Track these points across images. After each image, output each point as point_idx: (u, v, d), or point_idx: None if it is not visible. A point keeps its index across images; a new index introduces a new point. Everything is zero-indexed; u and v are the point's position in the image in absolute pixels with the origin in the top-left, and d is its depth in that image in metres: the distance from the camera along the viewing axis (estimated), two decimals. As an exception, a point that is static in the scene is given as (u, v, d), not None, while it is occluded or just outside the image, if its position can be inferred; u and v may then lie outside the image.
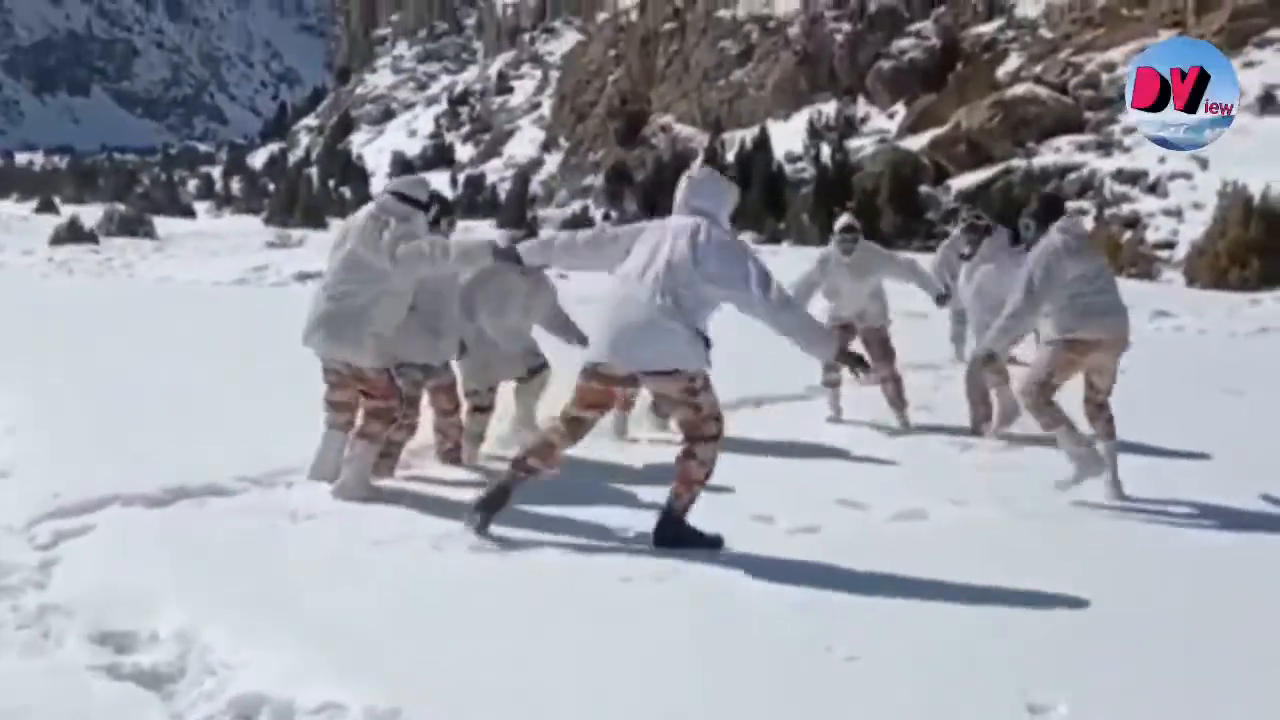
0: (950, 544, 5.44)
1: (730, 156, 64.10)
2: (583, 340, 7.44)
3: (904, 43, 75.66)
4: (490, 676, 3.73)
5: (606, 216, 67.14)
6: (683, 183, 5.53)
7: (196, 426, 7.47)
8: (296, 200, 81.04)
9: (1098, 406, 6.74)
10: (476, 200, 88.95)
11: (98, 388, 8.91)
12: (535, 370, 7.46)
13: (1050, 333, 6.65)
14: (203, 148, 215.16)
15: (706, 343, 5.21)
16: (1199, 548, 5.58)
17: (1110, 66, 56.48)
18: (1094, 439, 6.63)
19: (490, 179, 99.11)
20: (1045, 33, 67.80)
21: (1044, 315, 6.63)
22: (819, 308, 8.55)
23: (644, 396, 7.29)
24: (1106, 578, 4.98)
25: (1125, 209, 43.26)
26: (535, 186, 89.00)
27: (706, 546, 5.18)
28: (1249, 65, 48.68)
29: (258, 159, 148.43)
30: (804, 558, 5.10)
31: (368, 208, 6.31)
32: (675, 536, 5.20)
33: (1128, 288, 10.13)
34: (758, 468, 7.01)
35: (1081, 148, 50.16)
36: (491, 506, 5.25)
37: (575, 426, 5.33)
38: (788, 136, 69.79)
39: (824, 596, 4.54)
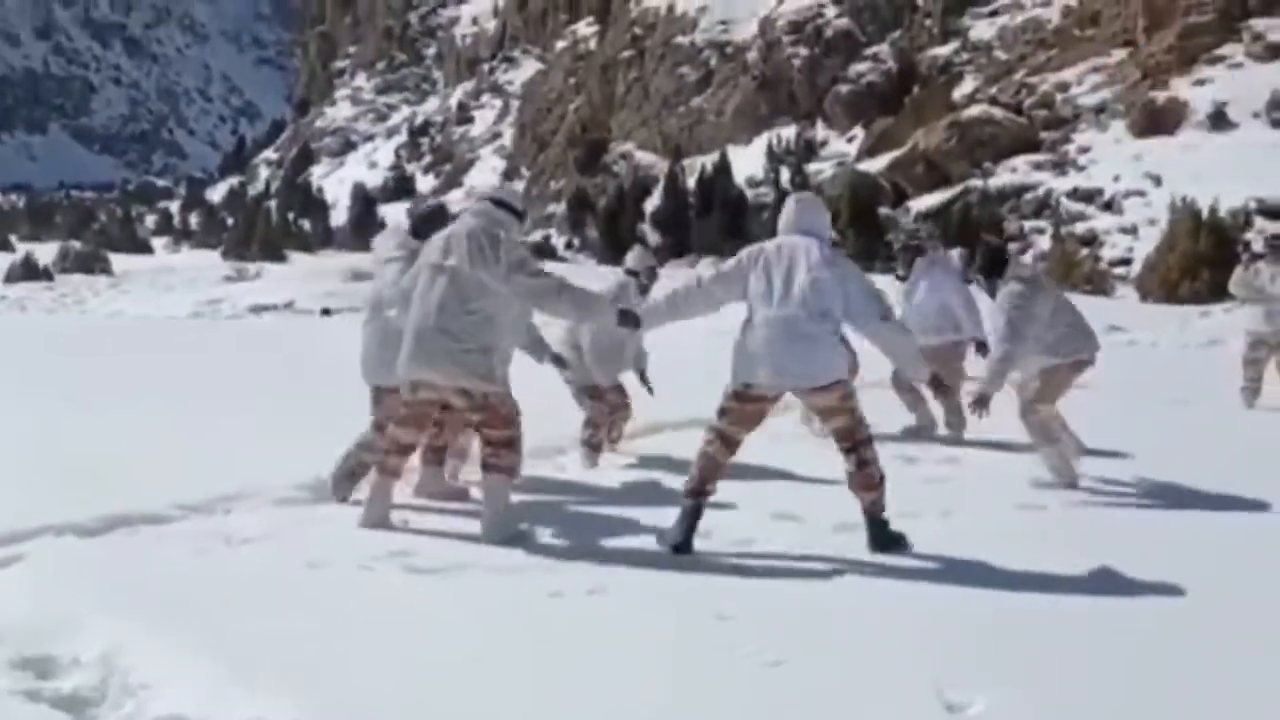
0: (883, 554, 5.46)
1: (691, 182, 64.33)
2: (556, 360, 7.49)
3: (861, 67, 76.31)
4: (418, 696, 3.71)
5: (569, 245, 67.27)
6: (791, 206, 5.85)
7: (137, 456, 7.39)
8: (255, 233, 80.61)
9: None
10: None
11: (39, 420, 8.81)
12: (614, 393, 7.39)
13: (1052, 359, 7.26)
14: (161, 183, 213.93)
15: (849, 350, 5.52)
16: (1124, 550, 5.61)
17: (1064, 86, 57.21)
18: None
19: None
20: (1000, 54, 68.62)
21: (1037, 348, 7.20)
22: None
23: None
24: (1031, 579, 5.04)
25: (1081, 227, 43.71)
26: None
27: (905, 546, 5.48)
28: (1199, 83, 49.42)
29: (216, 193, 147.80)
30: (733, 569, 5.14)
31: (466, 221, 5.89)
32: (890, 539, 5.49)
33: (1081, 304, 10.26)
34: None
35: (1038, 167, 50.69)
36: (688, 539, 5.40)
37: (735, 446, 5.61)
38: (748, 161, 70.11)
39: (752, 605, 4.58)
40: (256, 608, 4.48)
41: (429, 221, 6.78)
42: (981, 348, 8.72)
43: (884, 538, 5.51)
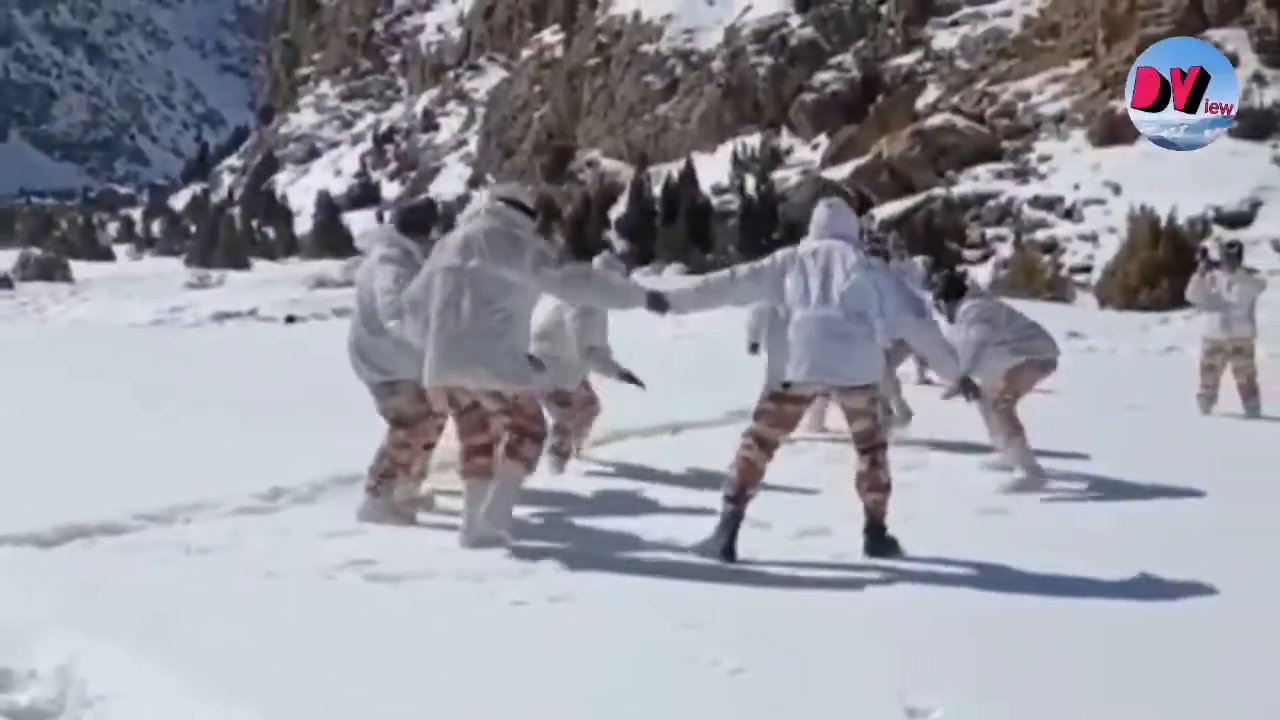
0: (847, 559, 5.50)
1: (657, 190, 64.43)
2: (532, 361, 7.48)
3: (825, 75, 76.69)
4: (378, 706, 3.69)
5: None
6: (823, 211, 5.97)
7: (95, 466, 7.33)
8: (218, 241, 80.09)
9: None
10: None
11: (-3, 430, 8.73)
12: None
13: (1017, 358, 7.83)
14: (123, 190, 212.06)
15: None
16: (1083, 554, 5.68)
17: (1025, 95, 57.74)
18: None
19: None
20: (962, 64, 69.15)
21: (1003, 352, 7.78)
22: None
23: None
24: (991, 584, 5.09)
25: (1042, 235, 44.13)
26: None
27: (899, 552, 5.58)
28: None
29: (179, 200, 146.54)
30: (698, 576, 5.15)
31: (482, 222, 5.82)
32: (886, 544, 5.59)
33: (1042, 311, 10.41)
34: (669, 492, 7.04)
35: (999, 175, 51.14)
36: (730, 543, 5.45)
37: (773, 450, 5.68)
38: (713, 169, 70.30)
39: (716, 612, 4.59)
40: (216, 618, 4.45)
41: (418, 215, 6.78)
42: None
43: (880, 543, 5.61)
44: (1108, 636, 4.45)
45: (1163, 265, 26.36)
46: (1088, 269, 38.57)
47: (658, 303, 5.77)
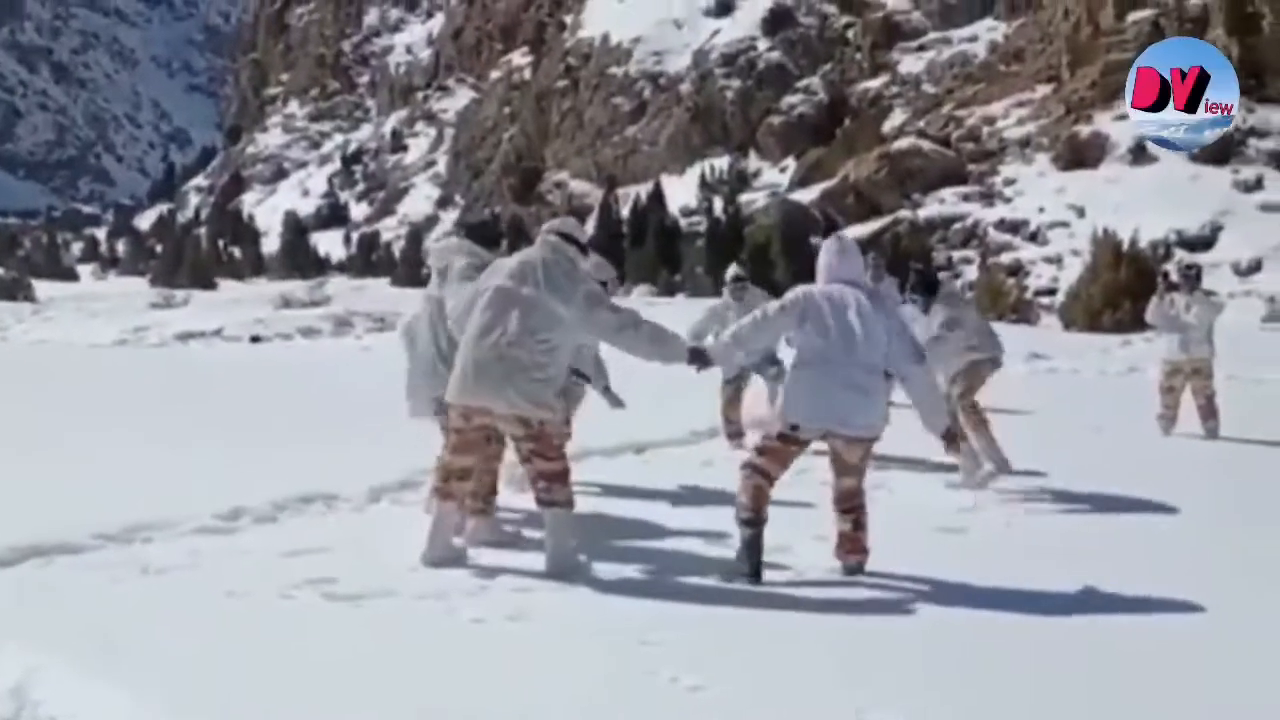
0: (806, 577, 5.53)
1: (625, 211, 64.59)
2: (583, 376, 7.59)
3: (793, 99, 77.27)
4: (334, 722, 3.68)
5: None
6: (833, 255, 5.89)
7: (53, 484, 7.25)
8: (184, 261, 79.59)
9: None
10: (371, 259, 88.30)
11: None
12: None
13: (975, 355, 8.64)
14: (88, 210, 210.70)
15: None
16: (1041, 571, 5.72)
17: (990, 120, 58.32)
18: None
19: (385, 237, 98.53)
20: (928, 88, 69.81)
21: (962, 348, 8.53)
22: None
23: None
24: (949, 601, 5.12)
25: (1007, 257, 44.50)
26: (430, 244, 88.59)
27: None
28: (1120, 118, 50.46)
29: (145, 220, 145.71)
30: (656, 594, 5.16)
31: (537, 252, 5.72)
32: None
33: (1006, 332, 10.52)
34: (632, 511, 7.04)
35: (965, 198, 51.56)
36: (757, 564, 5.47)
37: (773, 482, 5.70)
38: (681, 191, 70.61)
39: (675, 630, 4.59)
40: (174, 637, 4.42)
41: (490, 228, 7.02)
42: None
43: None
44: (1064, 651, 4.49)
45: (1125, 288, 26.63)
46: (1052, 291, 38.91)
47: (699, 357, 5.81)
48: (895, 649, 4.50)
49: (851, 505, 5.75)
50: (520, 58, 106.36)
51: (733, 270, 10.36)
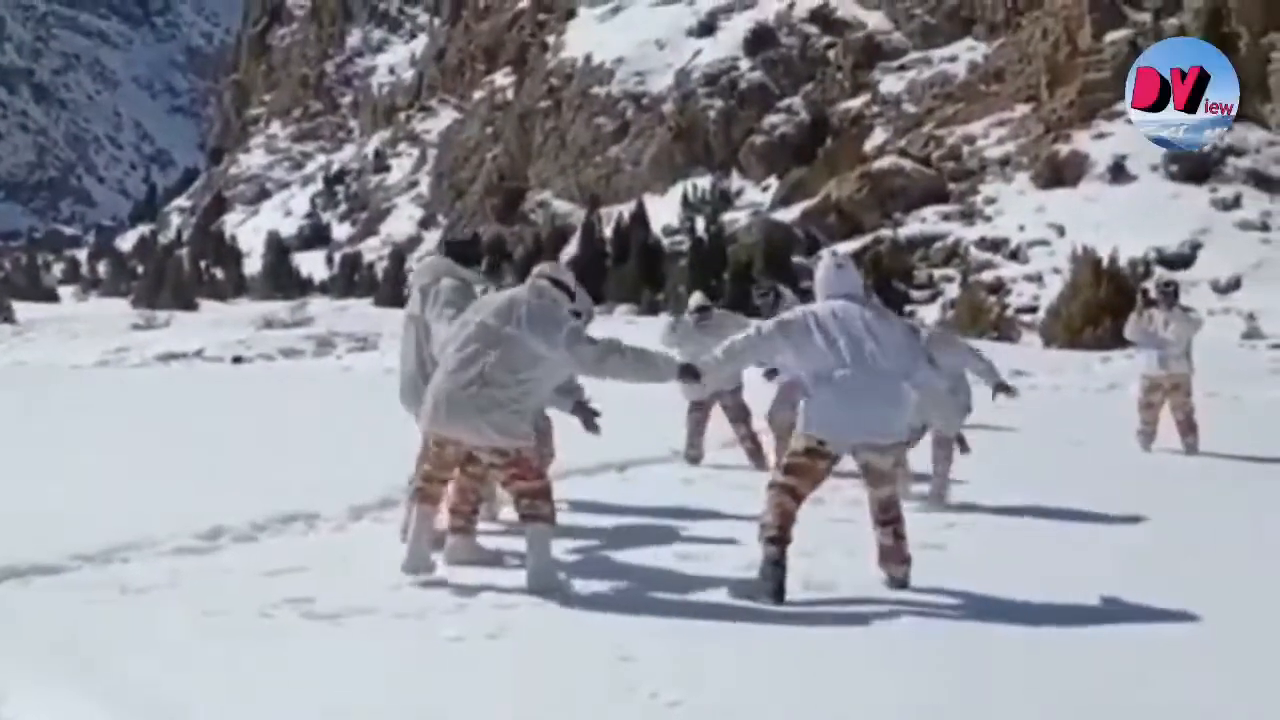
0: (788, 591, 5.51)
1: (608, 231, 64.73)
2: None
3: (775, 118, 77.57)
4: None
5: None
6: (830, 272, 5.93)
7: (31, 505, 7.21)
8: (165, 282, 79.36)
9: None
10: (354, 279, 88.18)
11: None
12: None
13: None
14: (69, 231, 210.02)
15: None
16: (1019, 585, 5.73)
17: (970, 139, 58.68)
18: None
19: (368, 258, 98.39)
20: (909, 108, 70.17)
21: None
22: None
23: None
24: (928, 616, 5.13)
25: (988, 275, 44.73)
26: (413, 264, 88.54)
27: None
28: (1099, 137, 50.94)
29: (127, 241, 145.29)
30: (635, 610, 5.16)
31: (524, 293, 5.79)
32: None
33: (987, 350, 10.55)
34: (612, 529, 7.04)
35: (946, 217, 51.84)
36: (781, 583, 5.40)
37: (801, 500, 5.65)
38: (664, 210, 70.76)
39: (654, 646, 4.58)
40: (149, 657, 4.40)
41: (470, 248, 7.02)
42: None
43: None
44: (1045, 664, 4.50)
45: (1105, 305, 26.80)
46: (1033, 309, 39.11)
47: (690, 373, 5.79)
48: (876, 663, 4.51)
49: (890, 516, 5.73)
50: (503, 78, 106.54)
51: (697, 299, 10.31)
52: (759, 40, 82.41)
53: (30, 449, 9.82)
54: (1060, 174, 49.84)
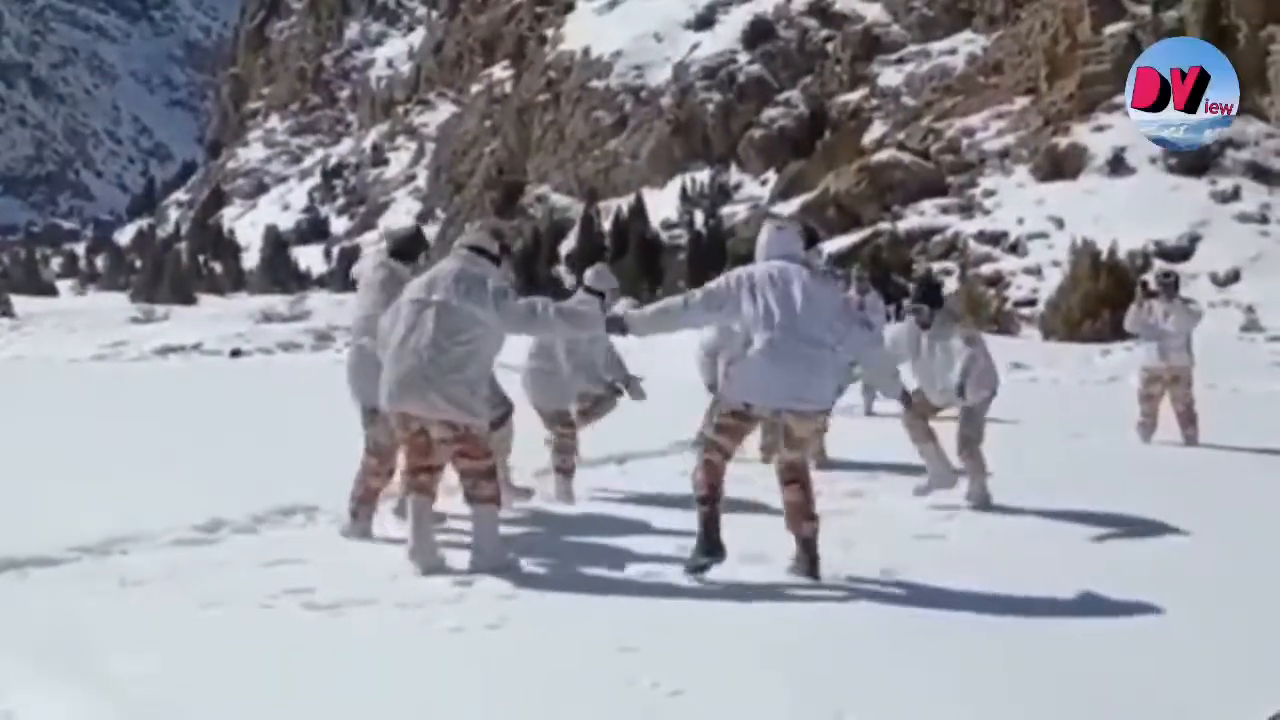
0: (784, 583, 5.53)
1: (606, 225, 64.67)
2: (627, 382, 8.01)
3: (773, 112, 77.45)
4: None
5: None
6: (769, 233, 5.99)
7: (32, 498, 7.21)
8: (164, 276, 79.29)
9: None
10: (352, 273, 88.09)
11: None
12: (501, 419, 7.24)
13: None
14: (67, 225, 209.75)
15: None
16: (1018, 576, 5.74)
17: (969, 132, 58.56)
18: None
19: (366, 251, 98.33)
20: (907, 100, 70.07)
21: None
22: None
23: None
24: (928, 606, 5.12)
25: (988, 269, 44.65)
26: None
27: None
28: (1099, 129, 50.84)
29: (125, 235, 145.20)
30: (636, 600, 5.16)
31: (447, 264, 5.98)
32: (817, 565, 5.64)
33: (986, 342, 10.52)
34: (613, 520, 7.03)
35: (945, 210, 51.74)
36: (717, 540, 5.48)
37: (730, 455, 5.74)
38: (663, 204, 70.69)
39: (654, 636, 4.58)
40: (150, 648, 4.39)
41: (409, 243, 6.94)
42: None
43: (817, 566, 5.64)
44: (1042, 655, 4.49)
45: (1104, 298, 26.78)
46: (1032, 302, 39.05)
47: (616, 324, 5.89)
48: (874, 652, 4.50)
49: (795, 476, 5.75)
50: (501, 71, 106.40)
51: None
52: (757, 33, 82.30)
53: (28, 442, 9.80)
54: (1059, 167, 49.75)
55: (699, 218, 62.98)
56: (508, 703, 3.90)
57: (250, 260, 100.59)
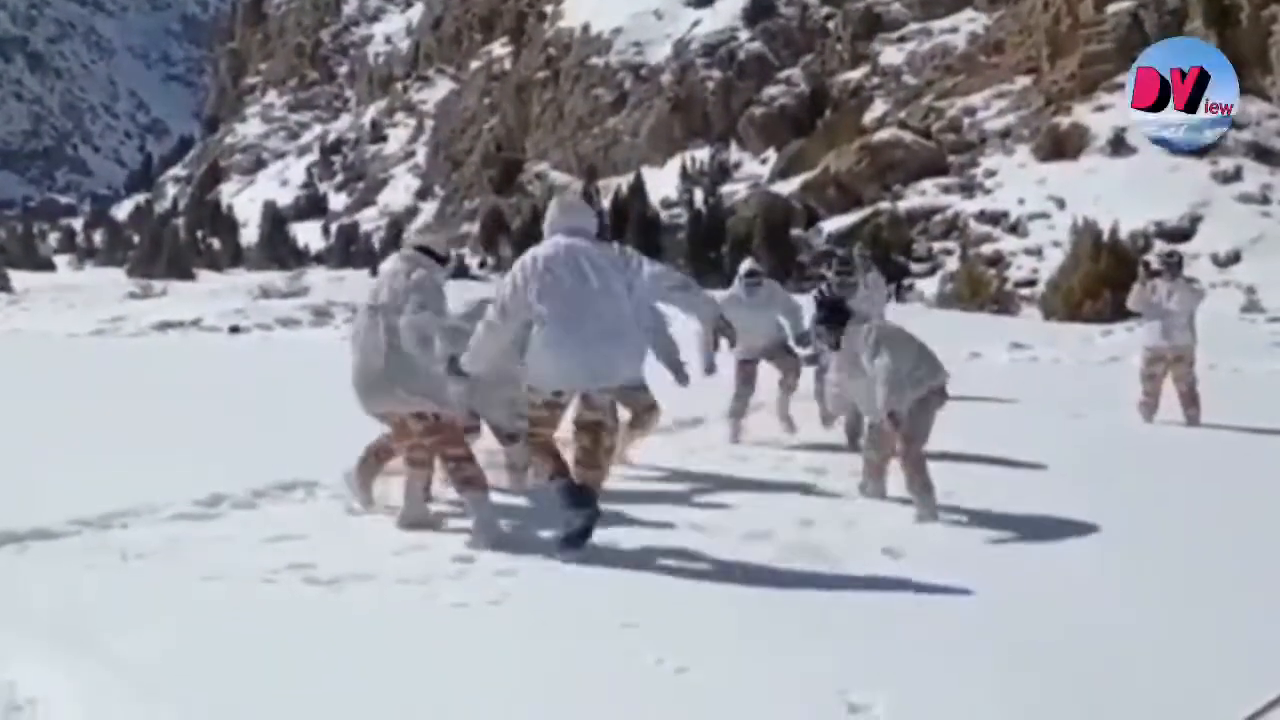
0: (789, 562, 5.49)
1: (606, 203, 64.51)
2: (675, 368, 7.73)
3: (774, 90, 77.26)
4: (315, 709, 3.63)
5: (483, 264, 67.04)
6: (554, 209, 5.87)
7: (29, 471, 7.18)
8: (161, 251, 79.15)
9: None
10: (350, 250, 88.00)
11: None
12: (513, 435, 7.25)
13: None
14: (65, 200, 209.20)
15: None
16: (1017, 556, 5.73)
17: (970, 111, 58.40)
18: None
19: (364, 228, 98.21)
20: (909, 79, 69.89)
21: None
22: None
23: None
24: (928, 586, 5.09)
25: (988, 248, 44.61)
26: (409, 235, 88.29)
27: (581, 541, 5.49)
28: (1100, 109, 50.72)
29: (122, 211, 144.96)
30: (641, 578, 5.14)
31: (390, 263, 6.22)
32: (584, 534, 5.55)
33: (987, 323, 10.50)
34: (616, 497, 6.99)
35: (946, 190, 51.66)
36: (587, 498, 5.48)
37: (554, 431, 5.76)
38: (662, 182, 70.59)
39: (657, 612, 4.56)
40: (150, 621, 4.37)
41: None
42: None
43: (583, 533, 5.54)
44: (1045, 633, 4.47)
45: (1105, 278, 26.75)
46: (1032, 282, 39.01)
47: (454, 367, 5.79)
48: (877, 630, 4.47)
49: (591, 433, 5.74)
50: (500, 48, 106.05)
51: (747, 264, 10.21)
52: (758, 10, 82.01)
53: (27, 416, 9.77)
54: (1061, 146, 49.65)
55: (698, 196, 62.85)
56: (509, 677, 3.88)
57: (248, 236, 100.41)
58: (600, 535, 5.80)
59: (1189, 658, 4.30)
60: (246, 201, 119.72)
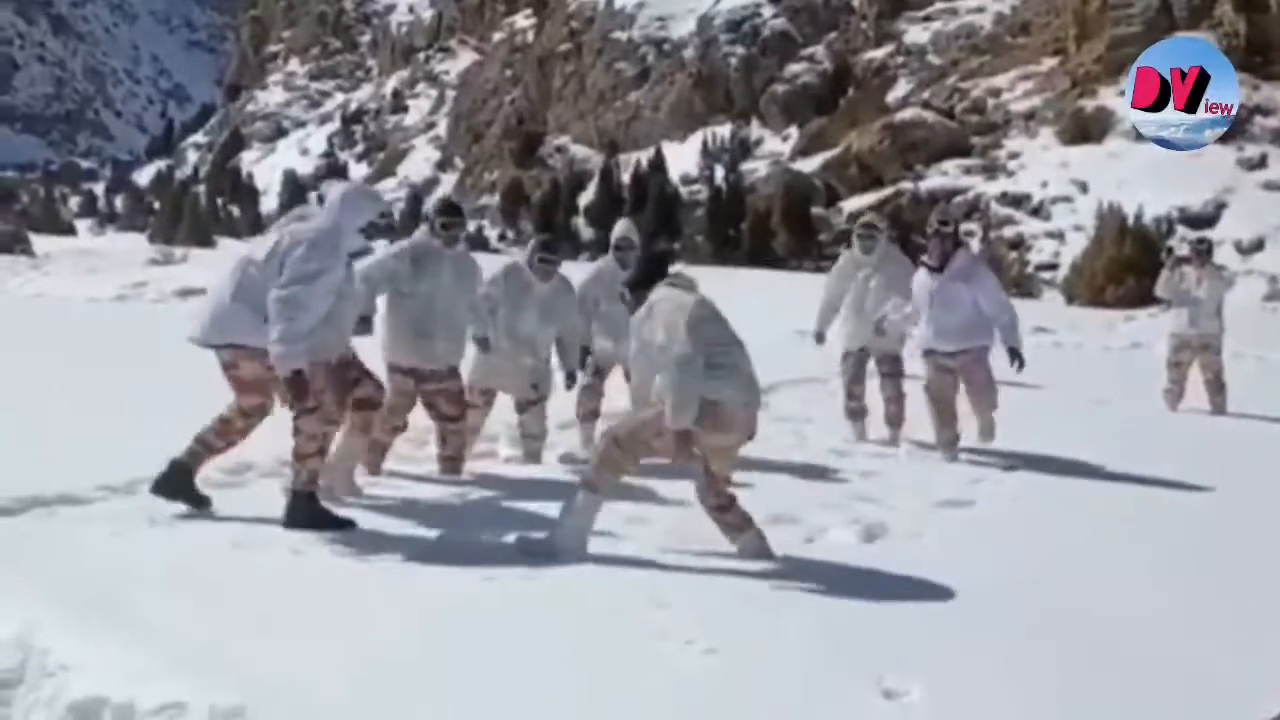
0: (817, 545, 5.49)
1: (626, 177, 64.31)
2: (579, 367, 7.73)
3: (797, 67, 76.69)
4: (344, 679, 3.64)
5: (503, 237, 67.01)
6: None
7: (57, 437, 7.20)
8: (182, 218, 79.28)
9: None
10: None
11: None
12: (533, 401, 7.33)
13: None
14: (86, 164, 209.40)
15: None
16: (1046, 542, 5.72)
17: (995, 92, 57.92)
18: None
19: (385, 198, 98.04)
20: (933, 59, 69.31)
21: None
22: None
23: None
24: (958, 570, 5.07)
25: (1010, 231, 44.32)
26: (430, 206, 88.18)
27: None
28: (1125, 93, 50.15)
29: (144, 176, 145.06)
30: (672, 558, 5.12)
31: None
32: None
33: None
34: (642, 489, 6.99)
35: (968, 171, 51.26)
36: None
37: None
38: (683, 158, 70.19)
39: (689, 593, 4.55)
40: (179, 589, 4.38)
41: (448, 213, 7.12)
42: None
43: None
44: (1076, 620, 4.46)
45: (1129, 263, 26.57)
46: (1054, 266, 38.76)
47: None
48: (908, 617, 4.46)
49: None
50: (523, 20, 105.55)
51: (866, 216, 9.99)
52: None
53: (53, 381, 9.79)
54: (1085, 130, 49.18)
55: (719, 173, 62.56)
56: (540, 652, 3.88)
57: (268, 204, 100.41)
58: (623, 515, 5.79)
59: (1221, 648, 4.28)
60: (267, 169, 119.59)
